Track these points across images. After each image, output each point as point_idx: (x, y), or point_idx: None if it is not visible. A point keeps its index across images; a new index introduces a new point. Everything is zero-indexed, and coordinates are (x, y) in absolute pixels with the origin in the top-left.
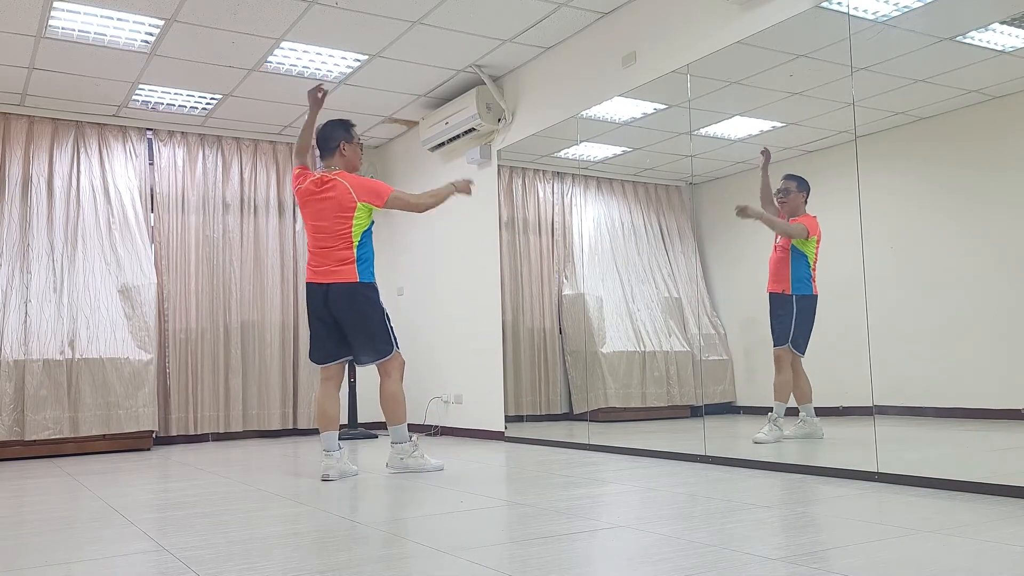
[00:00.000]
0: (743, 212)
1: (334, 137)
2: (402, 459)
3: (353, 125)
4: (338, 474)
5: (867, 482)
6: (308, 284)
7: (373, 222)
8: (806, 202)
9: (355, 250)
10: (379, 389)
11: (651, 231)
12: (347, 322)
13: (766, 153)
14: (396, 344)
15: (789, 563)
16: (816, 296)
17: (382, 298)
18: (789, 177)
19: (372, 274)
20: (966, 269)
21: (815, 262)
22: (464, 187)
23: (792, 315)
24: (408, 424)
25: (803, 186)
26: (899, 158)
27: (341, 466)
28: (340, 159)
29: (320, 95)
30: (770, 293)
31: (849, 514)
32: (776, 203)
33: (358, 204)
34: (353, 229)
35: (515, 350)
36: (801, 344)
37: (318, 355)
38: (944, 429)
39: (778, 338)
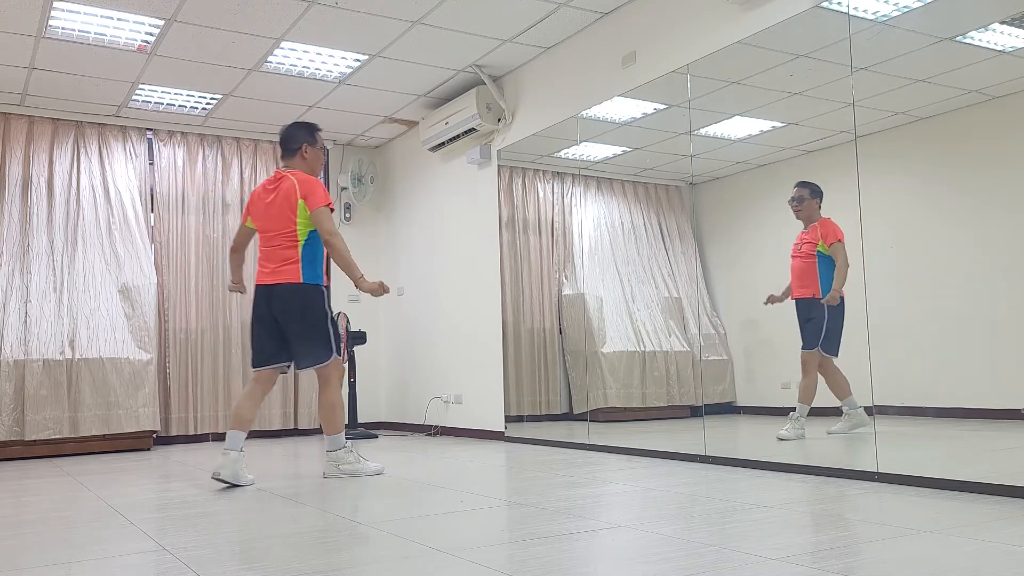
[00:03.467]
0: (831, 300)
1: (296, 138)
2: (339, 467)
3: (319, 129)
4: (230, 475)
5: (867, 482)
6: (256, 287)
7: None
8: (820, 207)
9: (300, 249)
10: (318, 396)
11: (651, 231)
12: (288, 325)
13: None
14: (336, 351)
15: (789, 563)
16: (843, 298)
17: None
18: (802, 184)
19: (319, 275)
20: (966, 269)
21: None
22: (376, 291)
23: (824, 319)
24: (408, 424)
25: (816, 192)
26: (899, 158)
27: (235, 468)
28: (301, 162)
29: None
30: (797, 299)
31: (849, 514)
32: (792, 211)
33: (299, 201)
34: (298, 227)
35: (515, 350)
36: (833, 346)
37: (254, 358)
38: (944, 429)
39: (808, 342)
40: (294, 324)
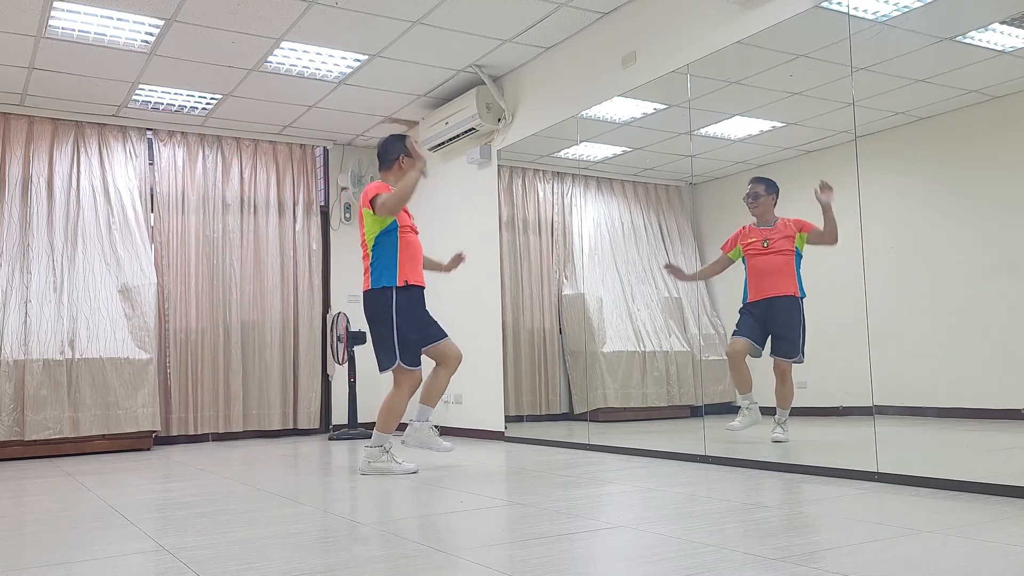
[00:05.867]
0: (825, 193)
1: (394, 151)
2: (371, 463)
3: (414, 141)
4: (417, 443)
5: (867, 482)
6: None
7: (396, 223)
8: (775, 204)
9: (371, 257)
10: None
11: (651, 231)
12: (369, 328)
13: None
14: (400, 357)
15: (789, 563)
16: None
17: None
18: (757, 180)
19: (389, 277)
20: (966, 269)
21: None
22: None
23: (803, 321)
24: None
25: (772, 188)
26: (899, 158)
27: (421, 436)
28: (398, 172)
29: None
30: (772, 298)
31: (849, 514)
32: (748, 208)
33: (363, 210)
34: (366, 235)
35: (515, 350)
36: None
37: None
38: (944, 429)
39: (792, 349)
40: (369, 329)
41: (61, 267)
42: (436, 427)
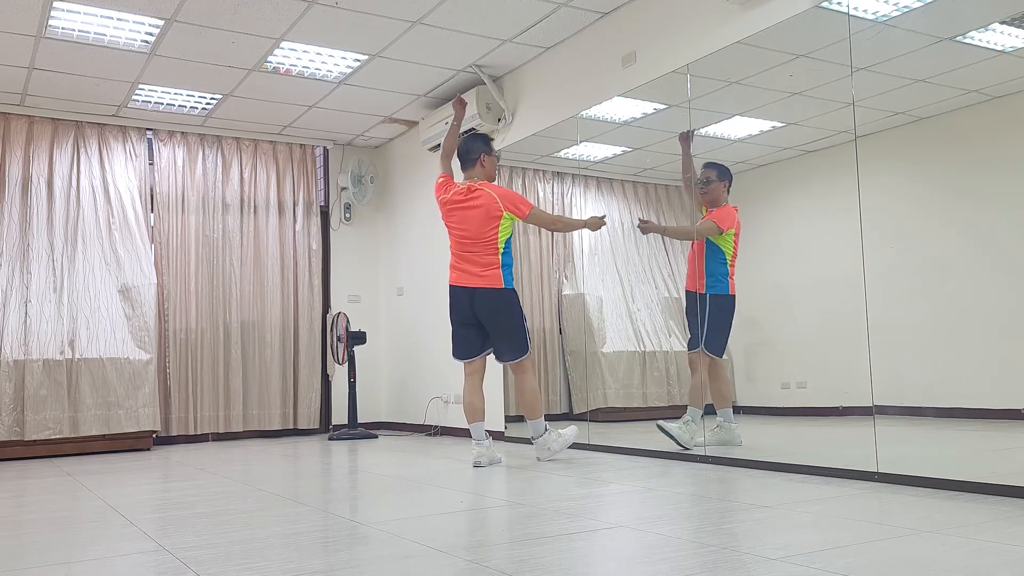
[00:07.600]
0: (645, 227)
1: (475, 149)
2: (548, 448)
3: (492, 139)
4: (487, 461)
5: (867, 482)
6: (452, 287)
7: (512, 232)
8: (728, 191)
9: (500, 256)
10: (516, 385)
11: None
12: (491, 324)
13: (685, 137)
14: (530, 345)
15: (789, 563)
16: (733, 296)
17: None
18: (710, 165)
19: (512, 279)
20: (965, 269)
21: (733, 258)
22: (596, 224)
23: (705, 315)
24: (408, 424)
25: (724, 175)
26: (899, 158)
27: (489, 454)
28: (480, 170)
29: (463, 105)
30: (686, 291)
31: (849, 514)
32: (698, 193)
33: (504, 213)
34: (500, 236)
35: None
36: (717, 347)
37: (461, 352)
38: (944, 429)
39: (690, 341)
40: (499, 325)
41: (61, 267)
42: (435, 428)
